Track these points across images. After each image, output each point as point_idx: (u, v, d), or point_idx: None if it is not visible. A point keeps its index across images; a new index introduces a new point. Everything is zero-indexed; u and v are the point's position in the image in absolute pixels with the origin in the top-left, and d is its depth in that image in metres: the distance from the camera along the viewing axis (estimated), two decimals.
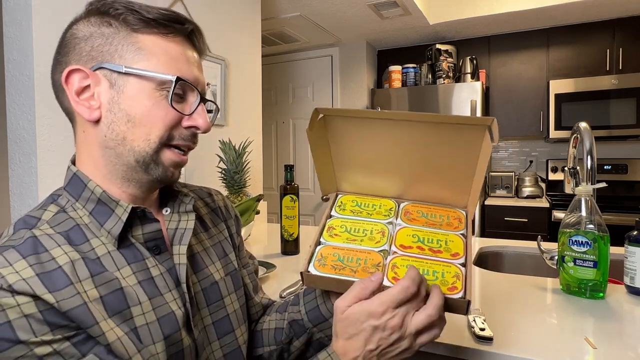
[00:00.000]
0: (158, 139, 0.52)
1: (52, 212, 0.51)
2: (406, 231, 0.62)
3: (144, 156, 0.52)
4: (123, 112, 0.51)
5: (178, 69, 0.52)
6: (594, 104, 2.70)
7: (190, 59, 0.55)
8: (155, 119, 0.51)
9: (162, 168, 0.53)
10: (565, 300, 0.92)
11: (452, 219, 0.64)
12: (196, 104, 0.54)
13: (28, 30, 1.11)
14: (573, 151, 1.15)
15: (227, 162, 1.47)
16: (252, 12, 2.04)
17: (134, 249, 0.52)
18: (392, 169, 0.65)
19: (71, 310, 0.43)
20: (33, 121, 1.12)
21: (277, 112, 3.62)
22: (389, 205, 0.67)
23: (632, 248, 0.93)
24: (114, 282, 0.48)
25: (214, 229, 0.67)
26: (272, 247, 1.48)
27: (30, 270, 0.43)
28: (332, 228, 0.63)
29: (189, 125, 0.54)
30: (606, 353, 0.67)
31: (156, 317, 0.50)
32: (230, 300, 0.62)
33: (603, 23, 2.76)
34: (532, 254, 1.42)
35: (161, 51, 0.52)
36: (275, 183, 3.63)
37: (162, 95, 0.51)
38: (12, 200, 1.17)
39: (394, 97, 3.02)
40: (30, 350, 0.41)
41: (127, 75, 0.51)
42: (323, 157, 0.66)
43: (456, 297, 0.53)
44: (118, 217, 0.51)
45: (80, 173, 0.53)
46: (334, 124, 0.63)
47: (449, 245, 0.60)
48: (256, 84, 2.09)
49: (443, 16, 2.83)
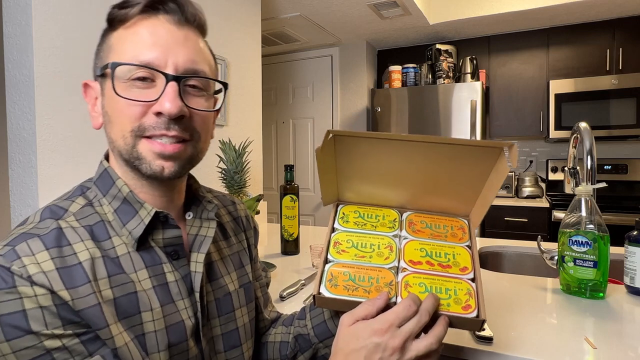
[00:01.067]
0: (129, 132, 0.49)
1: (80, 204, 0.51)
2: (413, 245, 0.62)
3: (126, 153, 0.50)
4: (107, 114, 0.51)
5: (133, 52, 0.48)
6: (594, 104, 2.70)
7: (155, 34, 0.49)
8: (121, 113, 0.49)
9: (146, 162, 0.50)
10: (565, 300, 0.92)
11: (455, 229, 0.64)
12: (163, 85, 0.49)
13: (28, 30, 1.11)
14: (573, 151, 1.15)
15: (227, 162, 1.47)
16: (252, 12, 2.04)
17: (153, 252, 0.52)
18: (399, 181, 0.65)
19: (85, 310, 0.43)
20: (33, 121, 1.12)
21: (277, 112, 3.62)
22: (393, 216, 0.67)
23: (632, 248, 0.93)
24: (129, 285, 0.48)
25: (234, 238, 0.67)
26: (272, 247, 1.48)
27: (51, 263, 0.43)
28: (338, 243, 0.62)
29: (155, 111, 0.49)
30: (606, 353, 0.67)
31: (165, 325, 0.49)
32: (241, 313, 0.62)
33: (603, 23, 2.76)
34: (532, 254, 1.42)
35: (121, 40, 0.50)
36: (275, 183, 3.63)
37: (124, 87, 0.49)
38: (12, 200, 1.17)
39: (394, 97, 3.02)
40: (40, 342, 0.41)
41: (103, 77, 0.51)
42: (328, 168, 0.65)
43: (470, 316, 0.53)
44: (141, 219, 0.51)
45: (110, 169, 0.53)
46: (342, 140, 0.62)
47: (457, 259, 0.60)
48: (256, 84, 2.09)
49: (443, 16, 2.83)
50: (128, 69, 0.48)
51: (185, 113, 0.50)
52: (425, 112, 2.89)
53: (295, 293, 0.97)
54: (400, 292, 0.55)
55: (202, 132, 0.53)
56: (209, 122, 0.56)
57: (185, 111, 0.50)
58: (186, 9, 0.51)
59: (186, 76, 0.50)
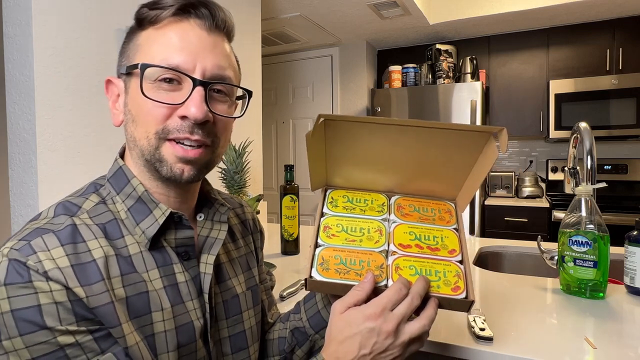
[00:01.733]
0: (154, 134, 0.50)
1: (94, 202, 0.51)
2: (402, 228, 0.62)
3: (149, 154, 0.50)
4: (130, 113, 0.51)
5: (164, 55, 0.49)
6: (594, 104, 2.70)
7: (186, 38, 0.49)
8: (147, 114, 0.50)
9: (167, 164, 0.50)
10: (565, 300, 0.92)
11: (443, 212, 0.65)
12: (189, 90, 0.49)
13: (28, 30, 1.11)
14: (573, 151, 1.15)
15: (227, 162, 1.47)
16: (252, 12, 2.04)
17: (164, 252, 0.52)
18: (388, 166, 0.66)
19: (98, 308, 0.43)
20: (33, 121, 1.12)
21: (277, 112, 3.62)
22: (381, 200, 0.67)
23: (632, 248, 0.93)
24: (140, 285, 0.48)
25: (242, 241, 0.67)
26: (272, 247, 1.48)
27: (66, 259, 0.43)
28: (328, 228, 0.63)
29: (180, 114, 0.49)
30: (606, 353, 0.67)
31: (175, 326, 0.49)
32: (249, 316, 0.62)
33: (603, 23, 2.76)
34: (532, 254, 1.42)
35: (151, 41, 0.50)
36: (275, 183, 3.63)
37: (151, 88, 0.49)
38: (12, 200, 1.17)
39: (394, 97, 3.02)
40: (54, 338, 0.41)
41: (129, 75, 0.51)
42: (317, 153, 0.66)
43: (460, 297, 0.54)
44: (155, 218, 0.51)
45: (126, 168, 0.53)
46: (334, 125, 0.62)
47: (445, 242, 0.61)
48: (256, 84, 2.09)
49: (443, 16, 2.83)
50: (156, 70, 0.49)
51: (210, 118, 0.51)
52: (425, 112, 2.89)
53: (295, 293, 0.97)
54: (391, 275, 0.56)
55: (222, 138, 0.54)
56: (230, 128, 0.56)
57: (209, 116, 0.50)
58: (217, 15, 0.52)
59: (213, 82, 0.51)
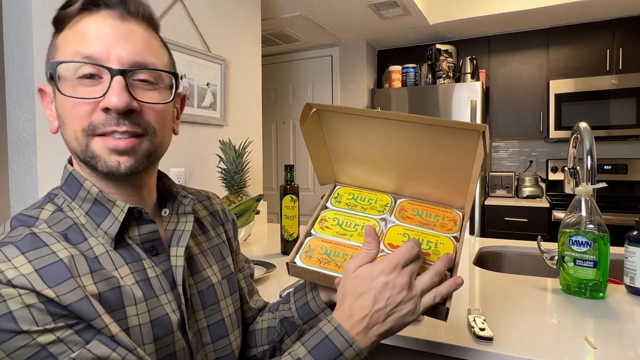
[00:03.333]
0: (81, 132, 0.48)
1: (50, 210, 0.50)
2: (397, 229, 0.62)
3: (81, 153, 0.50)
4: (60, 117, 0.50)
5: (74, 50, 0.48)
6: (594, 104, 2.70)
7: (97, 30, 0.48)
8: (70, 113, 0.48)
9: (101, 159, 0.49)
10: (565, 300, 0.92)
11: (447, 219, 0.64)
12: (108, 80, 0.48)
13: (28, 30, 1.11)
14: (573, 151, 1.15)
15: (227, 162, 1.47)
16: (252, 12, 2.04)
17: (131, 249, 0.52)
18: (387, 164, 0.65)
19: (73, 304, 0.42)
20: (33, 121, 1.12)
21: (277, 112, 3.62)
22: (385, 201, 0.67)
23: (632, 248, 0.93)
24: (112, 280, 0.47)
25: (212, 232, 0.67)
26: (272, 247, 1.48)
27: (29, 266, 0.42)
28: (324, 220, 0.63)
29: (102, 107, 0.48)
30: (606, 353, 0.67)
31: (149, 319, 0.49)
32: (226, 304, 0.62)
33: (603, 23, 2.76)
34: (532, 254, 1.42)
35: (65, 41, 0.49)
36: (275, 183, 3.63)
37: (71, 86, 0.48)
38: (12, 200, 1.17)
39: (394, 97, 3.02)
40: (33, 339, 0.40)
41: (52, 79, 0.49)
42: (318, 148, 0.66)
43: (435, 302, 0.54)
44: (115, 217, 0.51)
45: (75, 172, 0.53)
46: (328, 118, 0.62)
47: (438, 248, 0.59)
48: (256, 84, 2.09)
49: (443, 16, 2.83)
50: (72, 66, 0.47)
51: (135, 107, 0.49)
52: (425, 112, 2.89)
53: None
54: None
55: (158, 125, 0.52)
56: (166, 115, 0.54)
57: (134, 105, 0.49)
58: (128, 2, 0.50)
59: (132, 69, 0.49)
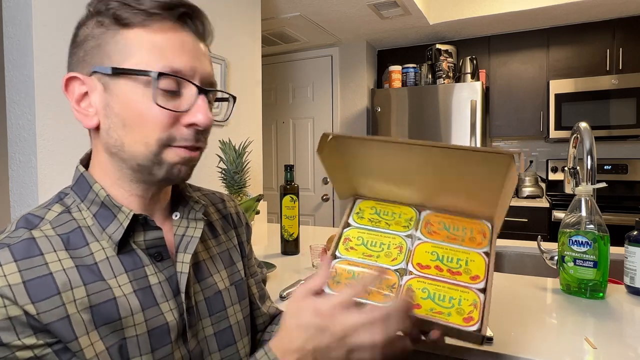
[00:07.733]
0: (156, 142, 0.48)
1: (56, 212, 0.50)
2: (425, 247, 0.59)
3: (145, 159, 0.49)
4: (118, 117, 0.48)
5: (166, 61, 0.47)
6: (594, 104, 2.70)
7: (185, 46, 0.49)
8: (149, 122, 0.48)
9: (168, 166, 0.50)
10: (565, 300, 0.92)
11: (475, 232, 0.61)
12: (193, 97, 0.49)
13: (28, 30, 1.11)
14: (573, 151, 1.15)
15: (227, 162, 1.47)
16: (252, 12, 2.04)
17: (134, 255, 0.51)
18: (410, 181, 0.62)
19: (52, 324, 0.42)
20: (33, 121, 1.12)
21: (277, 112, 3.62)
22: (410, 215, 0.64)
23: (632, 248, 0.93)
24: (106, 292, 0.47)
25: (224, 236, 0.66)
26: (272, 247, 1.48)
27: (18, 276, 0.42)
28: (348, 240, 0.60)
29: (187, 122, 0.49)
30: (606, 353, 0.67)
31: (147, 329, 0.48)
32: (234, 311, 0.61)
33: (603, 23, 2.76)
34: (532, 254, 1.42)
35: (147, 44, 0.47)
36: (275, 183, 3.63)
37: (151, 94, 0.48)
38: (12, 200, 1.17)
39: (393, 97, 3.02)
40: (12, 353, 0.40)
41: (116, 76, 0.48)
42: (336, 170, 0.63)
43: (471, 329, 0.51)
44: (119, 223, 0.50)
45: (87, 174, 0.52)
46: (346, 144, 0.60)
47: (469, 266, 0.57)
48: (256, 84, 2.09)
49: (443, 16, 2.82)
50: (155, 75, 0.47)
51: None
52: (425, 112, 2.89)
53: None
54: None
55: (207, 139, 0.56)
56: None
57: (212, 123, 0.52)
58: (205, 23, 0.52)
59: (212, 90, 0.52)
